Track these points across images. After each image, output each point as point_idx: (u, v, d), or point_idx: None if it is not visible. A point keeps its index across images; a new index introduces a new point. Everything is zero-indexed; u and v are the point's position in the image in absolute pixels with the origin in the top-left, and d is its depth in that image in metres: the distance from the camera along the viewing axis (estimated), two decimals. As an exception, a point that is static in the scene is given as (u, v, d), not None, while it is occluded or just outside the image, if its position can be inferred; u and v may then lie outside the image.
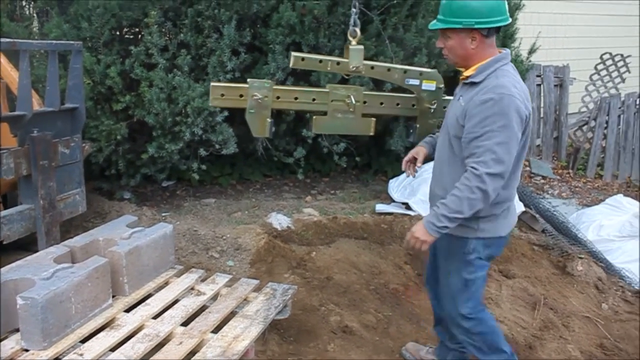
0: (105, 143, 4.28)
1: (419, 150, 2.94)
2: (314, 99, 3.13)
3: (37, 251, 2.94)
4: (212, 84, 2.98)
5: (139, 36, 4.58)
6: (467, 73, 2.58)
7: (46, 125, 3.37)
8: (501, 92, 2.41)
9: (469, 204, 2.42)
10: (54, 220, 3.39)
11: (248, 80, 3.01)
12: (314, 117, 3.16)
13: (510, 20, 2.55)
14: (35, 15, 4.84)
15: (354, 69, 3.09)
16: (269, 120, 3.02)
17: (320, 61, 3.12)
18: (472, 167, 2.42)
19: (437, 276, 2.94)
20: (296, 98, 3.12)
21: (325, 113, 3.15)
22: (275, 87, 3.02)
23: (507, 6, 2.54)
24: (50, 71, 3.43)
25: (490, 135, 2.40)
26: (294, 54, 3.05)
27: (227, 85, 3.03)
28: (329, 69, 3.15)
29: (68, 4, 4.36)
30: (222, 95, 2.95)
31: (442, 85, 3.20)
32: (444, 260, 2.80)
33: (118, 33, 4.57)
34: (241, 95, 2.97)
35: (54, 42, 3.65)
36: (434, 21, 2.60)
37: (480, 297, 2.81)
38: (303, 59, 3.08)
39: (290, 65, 3.07)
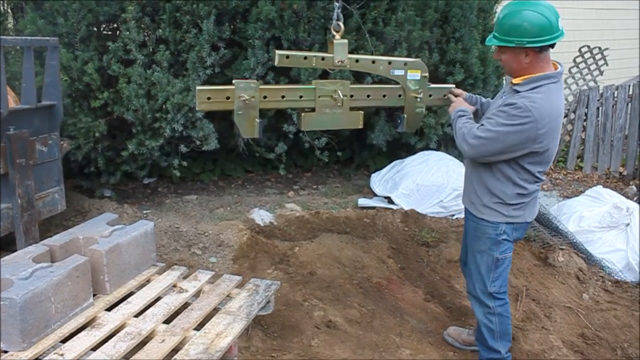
0: (84, 140, 4.23)
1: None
2: (301, 96, 3.12)
3: (15, 251, 2.90)
4: (198, 87, 2.93)
5: (117, 32, 4.52)
6: (515, 80, 2.79)
7: (23, 123, 3.32)
8: (525, 103, 2.64)
9: (457, 132, 2.90)
10: (32, 219, 3.34)
11: (234, 81, 2.97)
12: (302, 114, 3.15)
13: (563, 35, 2.73)
14: (9, 11, 4.76)
15: (339, 63, 3.10)
16: (257, 120, 2.99)
17: (305, 57, 3.11)
18: (472, 129, 2.80)
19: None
20: (283, 96, 3.10)
21: (313, 109, 3.14)
22: (261, 86, 3.00)
23: (559, 21, 2.71)
24: (26, 68, 3.38)
25: (492, 121, 2.74)
26: (278, 52, 3.03)
27: (214, 88, 2.99)
28: (314, 64, 3.14)
29: (43, 0, 4.28)
30: (209, 98, 2.91)
31: (426, 74, 3.24)
32: (476, 242, 3.04)
33: (95, 29, 4.51)
34: (228, 97, 2.93)
35: (30, 38, 3.60)
36: (490, 36, 2.80)
37: (506, 279, 3.08)
38: (288, 56, 3.07)
39: (275, 63, 3.05)
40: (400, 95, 3.27)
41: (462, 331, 3.44)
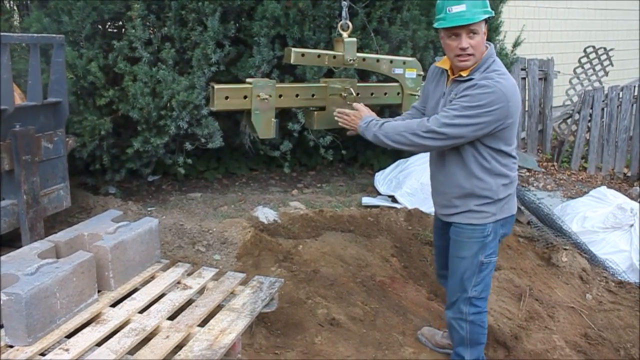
0: (89, 138, 4.24)
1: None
2: (313, 95, 3.14)
3: (20, 247, 2.91)
4: (216, 87, 2.88)
5: (122, 30, 4.53)
6: (464, 72, 2.65)
7: (29, 120, 3.33)
8: (486, 82, 2.55)
9: (398, 139, 2.68)
10: (37, 216, 3.36)
11: (252, 80, 2.97)
12: (315, 112, 3.16)
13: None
14: (15, 8, 4.77)
15: (351, 61, 3.13)
16: (273, 120, 2.99)
17: (319, 56, 3.14)
18: (428, 119, 2.64)
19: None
20: (297, 95, 3.11)
21: (323, 108, 3.16)
22: (277, 85, 3.00)
23: None
24: (32, 65, 3.39)
25: (456, 106, 2.58)
26: (294, 50, 3.04)
27: (231, 87, 2.97)
28: (326, 63, 3.17)
29: (48, -2, 4.30)
30: (227, 98, 2.89)
31: (422, 73, 3.29)
32: (460, 248, 2.85)
33: (100, 27, 4.51)
34: (245, 97, 2.92)
35: (36, 35, 3.61)
36: (468, 15, 2.52)
37: (488, 285, 2.94)
38: (303, 54, 3.10)
39: (292, 61, 3.06)
40: (398, 93, 3.34)
41: (436, 333, 3.37)
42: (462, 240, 2.83)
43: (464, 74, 2.65)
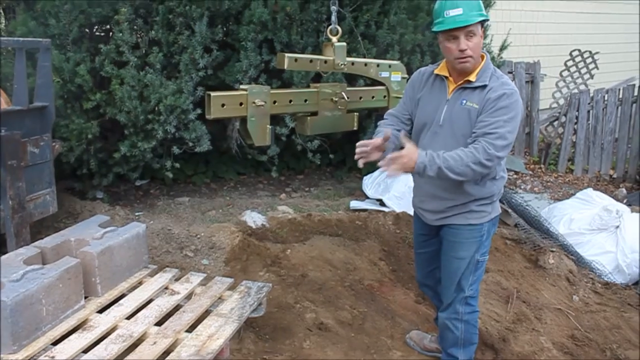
0: (76, 142, 4.21)
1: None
2: (305, 100, 3.15)
3: (6, 253, 2.89)
4: (212, 94, 2.89)
5: (109, 33, 4.51)
6: (472, 78, 2.67)
7: (14, 124, 3.30)
8: (511, 89, 2.63)
9: (464, 171, 2.53)
10: (23, 221, 3.33)
11: (247, 86, 2.97)
12: (309, 118, 3.17)
13: None
14: (1, 12, 4.74)
15: (342, 66, 3.15)
16: (269, 127, 2.99)
17: (311, 61, 3.18)
18: (487, 146, 2.53)
19: (434, 274, 3.07)
20: (290, 101, 3.13)
21: (315, 113, 3.17)
22: (271, 91, 3.00)
23: None
24: (18, 69, 3.36)
25: (498, 123, 2.56)
26: (287, 55, 3.06)
27: (227, 94, 2.98)
28: (318, 68, 3.20)
29: (35, 1, 4.27)
30: (223, 105, 2.89)
31: (406, 75, 3.32)
32: (458, 249, 2.86)
33: (87, 30, 4.49)
34: (241, 104, 2.92)
35: (21, 39, 3.58)
36: (464, 17, 2.56)
37: (479, 284, 2.98)
38: (296, 59, 3.12)
39: (285, 67, 3.07)
40: (385, 96, 3.37)
41: (424, 336, 3.39)
42: (460, 241, 2.85)
43: (471, 78, 2.67)
